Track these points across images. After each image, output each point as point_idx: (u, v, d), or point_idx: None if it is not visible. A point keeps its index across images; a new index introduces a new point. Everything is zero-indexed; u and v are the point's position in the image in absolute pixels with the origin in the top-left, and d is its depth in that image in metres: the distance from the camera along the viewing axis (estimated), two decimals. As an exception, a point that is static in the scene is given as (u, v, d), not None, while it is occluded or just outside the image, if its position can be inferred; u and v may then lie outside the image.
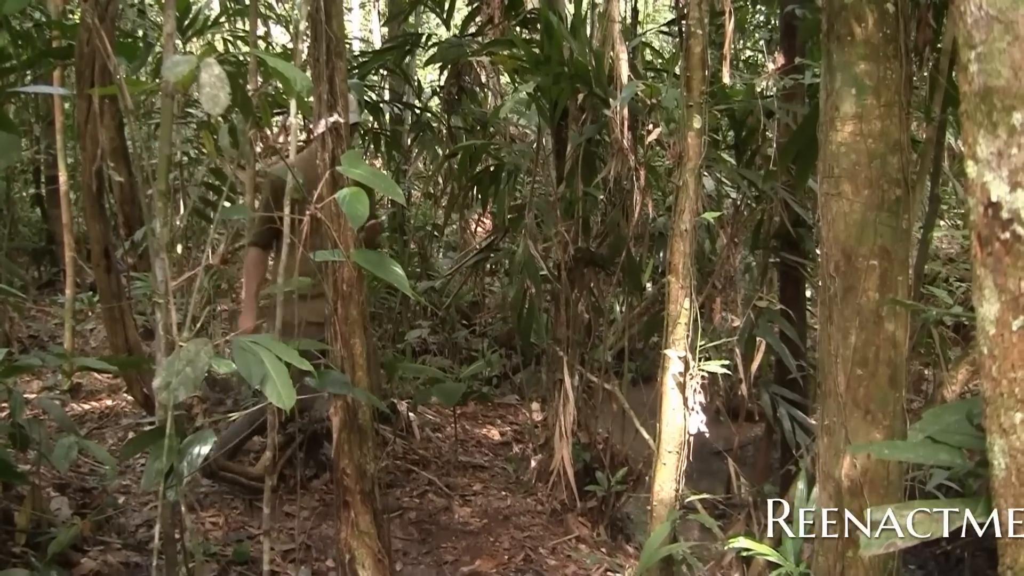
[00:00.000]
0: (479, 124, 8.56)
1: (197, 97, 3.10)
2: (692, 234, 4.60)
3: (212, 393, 7.48)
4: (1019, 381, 1.68)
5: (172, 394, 3.15)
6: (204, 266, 3.93)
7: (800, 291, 7.13)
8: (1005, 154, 1.64)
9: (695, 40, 4.62)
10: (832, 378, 3.44)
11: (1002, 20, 1.62)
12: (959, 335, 8.35)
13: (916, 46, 4.01)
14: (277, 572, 5.53)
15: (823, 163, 3.46)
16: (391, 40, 9.89)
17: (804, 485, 4.57)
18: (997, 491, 1.77)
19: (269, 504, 4.27)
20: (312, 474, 7.03)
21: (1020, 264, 1.65)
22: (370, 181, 3.66)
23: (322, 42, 4.28)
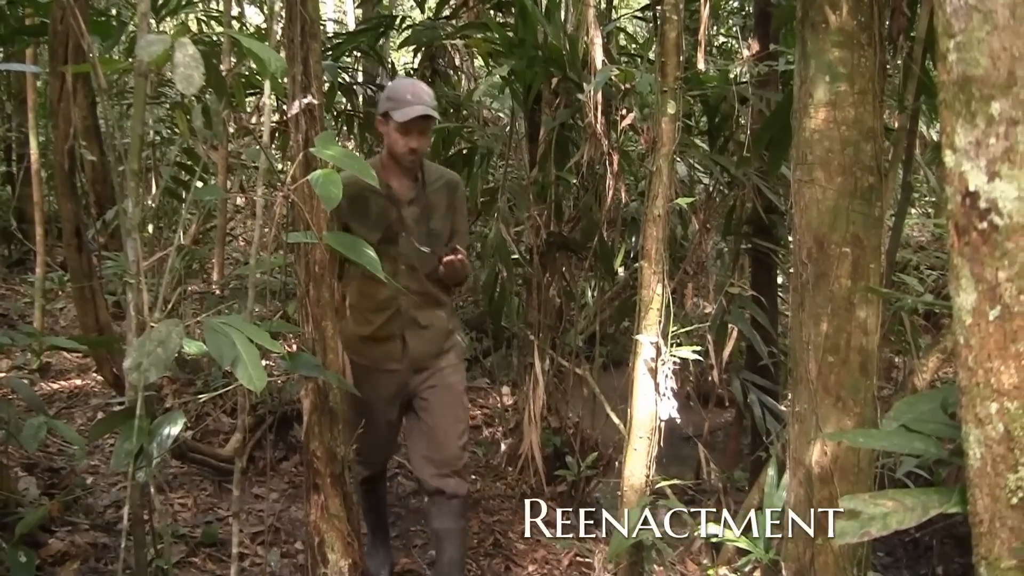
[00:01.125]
0: (452, 107, 8.52)
1: (171, 77, 3.08)
2: (665, 219, 4.59)
3: (182, 374, 7.44)
4: (995, 371, 1.68)
5: (142, 375, 3.13)
6: (176, 246, 3.90)
7: (772, 278, 7.14)
8: (983, 144, 1.64)
9: (670, 25, 4.61)
10: (803, 365, 3.44)
11: (981, 9, 1.62)
12: (930, 323, 8.39)
13: (890, 34, 4.01)
14: (246, 554, 5.53)
15: (796, 150, 3.46)
16: (365, 22, 9.84)
17: (774, 471, 4.58)
18: (972, 481, 1.77)
19: (239, 486, 4.24)
20: (282, 456, 7.02)
21: (997, 254, 1.65)
22: (343, 163, 3.64)
23: (296, 23, 4.25)
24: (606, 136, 5.50)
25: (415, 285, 4.98)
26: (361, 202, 4.81)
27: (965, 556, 1.86)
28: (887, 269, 4.47)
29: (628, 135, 6.55)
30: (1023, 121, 1.60)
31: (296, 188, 4.01)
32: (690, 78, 5.49)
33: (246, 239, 12.80)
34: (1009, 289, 1.65)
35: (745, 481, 6.90)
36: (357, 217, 4.83)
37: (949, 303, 1.80)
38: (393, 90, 4.79)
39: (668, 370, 4.62)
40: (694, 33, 5.42)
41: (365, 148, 9.44)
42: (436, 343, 5.14)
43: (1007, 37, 1.60)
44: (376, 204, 4.87)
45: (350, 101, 9.24)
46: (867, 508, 1.84)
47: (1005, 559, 1.73)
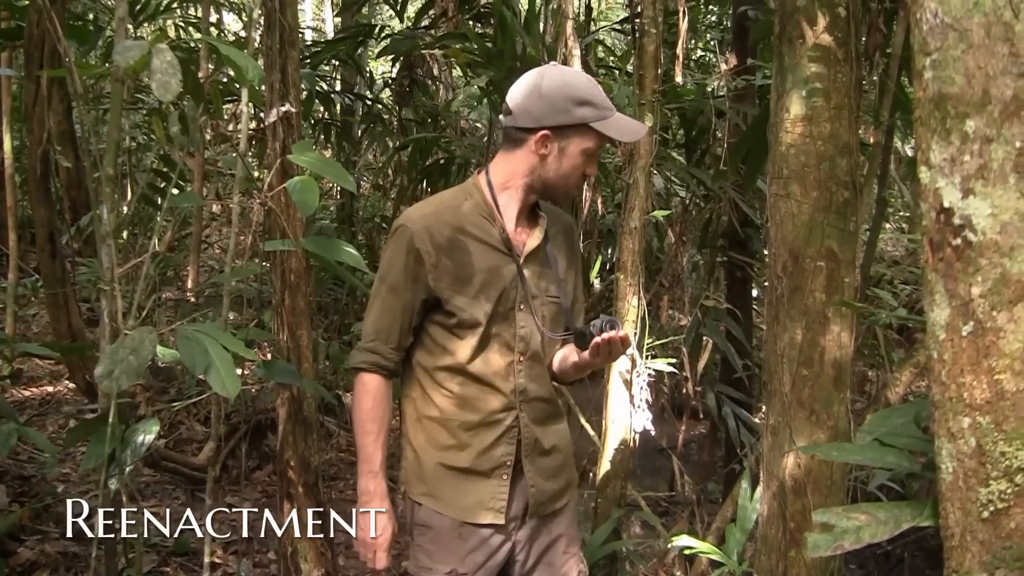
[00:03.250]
0: (430, 117, 8.54)
1: (148, 83, 3.07)
2: (641, 232, 4.61)
3: (155, 382, 7.42)
4: (968, 386, 1.70)
5: (115, 382, 3.12)
6: (151, 253, 3.89)
7: (747, 291, 7.17)
8: (958, 161, 1.65)
9: (648, 39, 4.64)
10: (777, 378, 3.46)
11: (957, 28, 1.64)
12: (903, 337, 8.43)
13: (867, 50, 4.04)
14: (218, 564, 5.51)
15: (772, 164, 3.48)
16: (344, 30, 9.84)
17: (748, 484, 4.60)
18: (944, 495, 1.78)
19: (211, 495, 4.24)
20: (255, 465, 7.00)
21: (971, 270, 1.66)
22: (320, 169, 3.64)
23: (275, 31, 4.26)
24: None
25: (537, 387, 3.31)
26: (459, 252, 3.16)
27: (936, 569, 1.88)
28: (861, 283, 4.49)
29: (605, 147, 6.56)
30: (997, 139, 1.62)
31: (273, 195, 4.01)
32: (667, 91, 5.52)
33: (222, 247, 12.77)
34: (982, 305, 1.66)
35: (719, 493, 6.92)
36: (452, 276, 3.14)
37: (922, 318, 1.82)
38: (580, 90, 3.10)
39: (643, 382, 4.64)
40: (672, 46, 5.46)
41: (343, 157, 9.44)
42: (563, 477, 3.45)
43: (982, 56, 1.62)
44: (483, 257, 3.18)
45: (328, 109, 9.25)
46: (840, 521, 1.85)
47: (976, 573, 1.75)
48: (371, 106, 9.35)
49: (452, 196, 3.30)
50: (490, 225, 3.20)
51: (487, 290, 3.16)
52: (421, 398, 3.27)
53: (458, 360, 3.18)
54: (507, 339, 3.22)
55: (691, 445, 8.48)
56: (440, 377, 3.22)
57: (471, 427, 3.21)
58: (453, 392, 3.21)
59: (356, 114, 9.63)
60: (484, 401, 3.21)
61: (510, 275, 3.21)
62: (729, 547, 4.49)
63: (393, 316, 3.16)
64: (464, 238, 3.16)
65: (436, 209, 3.20)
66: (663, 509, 7.03)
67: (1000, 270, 1.64)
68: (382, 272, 3.19)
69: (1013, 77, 1.62)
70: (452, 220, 3.15)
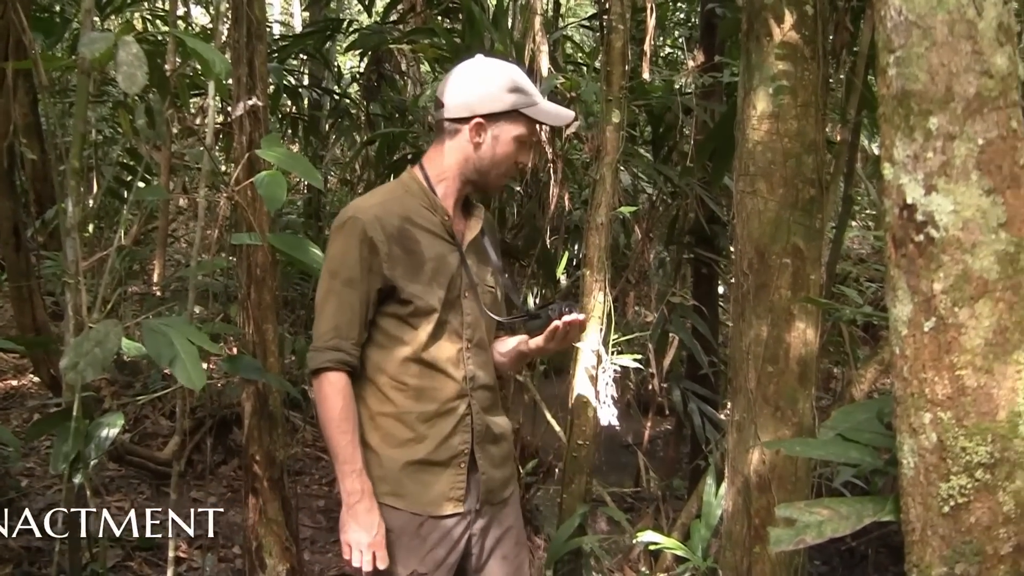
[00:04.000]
0: (398, 112, 8.52)
1: (114, 75, 3.06)
2: (607, 228, 4.62)
3: (121, 376, 7.38)
4: (929, 381, 1.71)
5: (79, 375, 3.11)
6: (116, 247, 3.88)
7: (713, 287, 7.19)
8: (921, 157, 1.66)
9: (616, 35, 4.64)
10: (743, 374, 3.47)
11: (921, 25, 1.64)
12: (868, 334, 8.47)
13: (834, 48, 4.06)
14: (183, 559, 5.49)
15: (739, 161, 3.49)
16: (312, 25, 9.84)
17: (713, 480, 4.61)
18: (905, 490, 1.79)
19: (176, 489, 4.22)
20: (221, 460, 6.98)
21: (933, 266, 1.67)
22: (288, 164, 3.64)
23: (243, 24, 4.24)
24: (550, 144, 5.52)
25: (484, 374, 3.37)
26: (409, 241, 3.19)
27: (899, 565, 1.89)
28: (827, 280, 4.51)
29: (573, 143, 6.56)
30: (960, 136, 1.63)
31: (240, 190, 4.00)
32: (635, 88, 5.53)
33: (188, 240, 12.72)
34: (944, 301, 1.67)
35: (684, 489, 6.94)
36: (405, 265, 3.17)
37: (887, 315, 1.83)
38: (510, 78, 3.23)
39: (608, 378, 4.64)
40: (640, 43, 5.46)
41: (310, 152, 9.41)
42: (508, 466, 3.52)
43: (945, 53, 1.63)
44: (431, 246, 3.23)
45: (296, 104, 9.21)
46: (802, 516, 1.86)
47: (936, 567, 1.76)
48: (339, 101, 9.33)
49: (392, 188, 3.36)
50: (432, 215, 3.25)
51: (438, 277, 3.20)
52: (373, 396, 3.25)
53: (413, 349, 3.18)
54: (456, 327, 3.26)
55: (657, 441, 8.51)
56: (394, 371, 3.21)
57: (428, 417, 3.22)
58: (408, 384, 3.21)
59: (324, 109, 9.60)
60: (439, 390, 3.23)
61: (455, 263, 3.26)
62: (694, 543, 4.50)
63: (352, 310, 3.14)
64: (412, 227, 3.19)
65: (382, 200, 3.24)
66: (628, 505, 7.04)
67: (962, 266, 1.65)
68: (333, 268, 3.14)
69: (976, 75, 1.63)
70: (399, 210, 3.19)
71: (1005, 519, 1.71)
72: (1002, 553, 1.72)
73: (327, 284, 3.16)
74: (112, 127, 9.83)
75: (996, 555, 1.72)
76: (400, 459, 3.21)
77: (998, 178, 1.64)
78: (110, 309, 3.86)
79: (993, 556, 1.72)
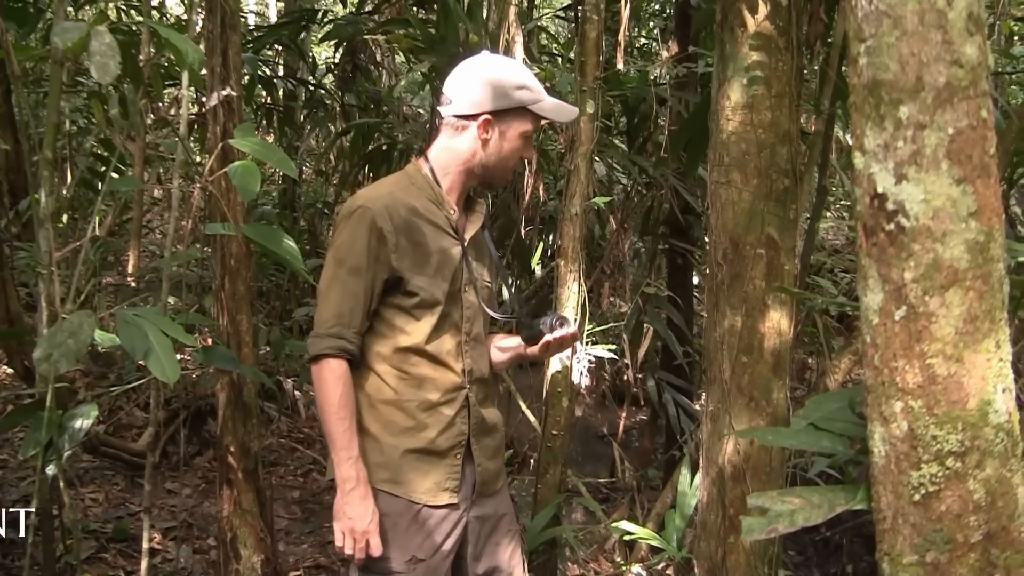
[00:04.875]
0: (373, 102, 8.51)
1: (87, 65, 3.05)
2: (582, 218, 4.62)
3: (95, 367, 7.35)
4: (900, 370, 1.71)
5: (53, 366, 3.09)
6: (90, 237, 3.86)
7: (688, 278, 7.20)
8: (891, 146, 1.67)
9: (590, 26, 4.64)
10: (717, 364, 3.48)
11: (891, 15, 1.65)
12: (843, 325, 8.50)
13: (808, 39, 4.06)
14: (157, 550, 5.47)
15: (713, 152, 3.49)
16: (287, 15, 9.80)
17: (687, 470, 4.63)
18: (877, 478, 1.80)
19: (151, 481, 4.21)
20: (195, 451, 6.96)
21: (904, 255, 1.68)
22: (262, 154, 3.62)
23: (216, 14, 4.22)
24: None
25: (480, 367, 3.41)
26: (416, 233, 3.21)
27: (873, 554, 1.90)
28: (801, 271, 4.52)
29: (547, 134, 6.57)
30: (930, 125, 1.63)
31: (213, 180, 3.98)
32: (610, 78, 5.53)
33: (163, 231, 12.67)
34: (915, 290, 1.68)
35: (659, 480, 6.95)
36: (412, 258, 3.19)
37: (859, 304, 1.84)
38: (518, 76, 3.27)
39: (583, 368, 4.64)
40: (615, 34, 5.46)
41: (285, 142, 9.38)
42: (500, 457, 3.57)
43: (916, 43, 1.63)
44: (436, 239, 3.26)
45: (270, 94, 9.19)
46: (774, 505, 1.86)
47: (907, 555, 1.76)
48: (314, 91, 9.31)
49: (399, 180, 3.36)
50: (438, 209, 3.28)
51: (442, 270, 3.23)
52: (374, 383, 3.26)
53: (415, 340, 3.21)
54: (456, 320, 3.30)
55: (632, 432, 8.51)
56: (396, 360, 3.23)
57: (429, 406, 3.24)
58: (410, 373, 3.23)
59: (298, 99, 9.58)
60: (440, 380, 3.26)
61: (458, 257, 3.29)
62: (669, 533, 4.51)
63: (356, 298, 3.14)
64: (418, 220, 3.21)
65: (391, 191, 3.25)
66: (604, 495, 7.05)
67: (932, 255, 1.66)
68: (340, 255, 3.14)
69: (946, 64, 1.63)
70: (407, 202, 3.20)
71: (975, 507, 1.72)
72: (972, 541, 1.73)
73: (332, 271, 3.17)
74: (86, 117, 9.78)
75: (966, 543, 1.73)
76: (400, 446, 3.22)
77: (968, 167, 1.64)
78: (84, 300, 3.85)
79: (963, 544, 1.73)
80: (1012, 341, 1.79)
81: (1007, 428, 1.72)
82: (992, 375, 1.70)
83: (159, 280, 5.16)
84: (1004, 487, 1.73)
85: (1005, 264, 1.73)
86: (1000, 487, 1.72)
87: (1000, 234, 1.69)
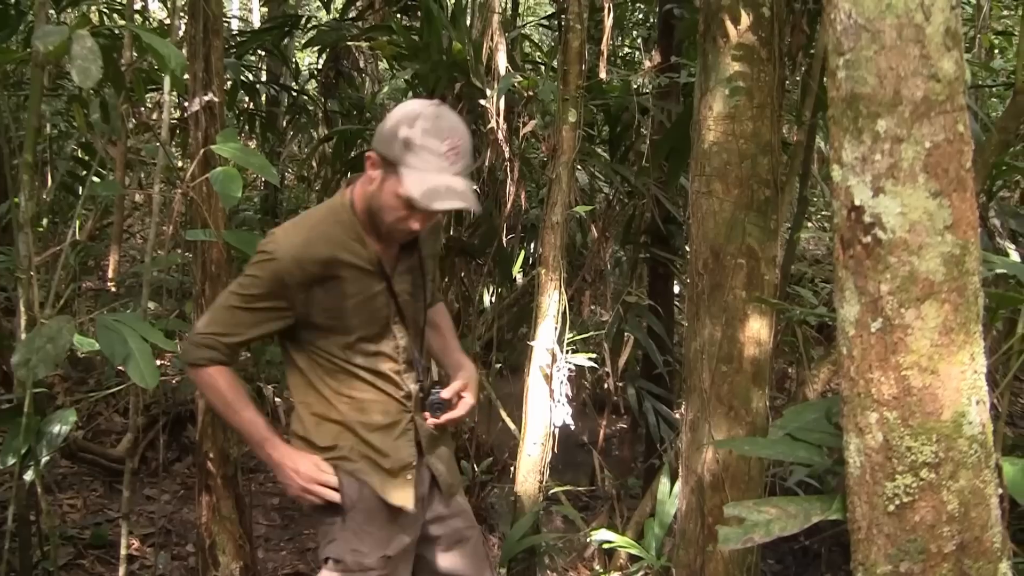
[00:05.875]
0: (355, 109, 8.50)
1: (68, 69, 3.05)
2: (563, 227, 4.63)
3: (74, 372, 7.33)
4: (876, 381, 1.73)
5: (31, 371, 3.10)
6: (70, 242, 3.86)
7: (669, 287, 7.20)
8: (869, 159, 1.68)
9: (573, 34, 4.65)
10: (697, 374, 3.50)
11: (870, 29, 1.66)
12: (822, 335, 8.52)
13: (790, 50, 4.08)
14: (135, 556, 5.46)
15: (695, 161, 3.51)
16: (270, 20, 9.79)
17: (667, 479, 4.63)
18: (852, 489, 1.81)
19: (129, 487, 4.21)
20: (175, 457, 6.94)
21: (880, 267, 1.69)
22: (243, 160, 3.63)
23: (199, 19, 4.22)
24: (508, 142, 5.52)
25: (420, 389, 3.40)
26: (331, 281, 3.12)
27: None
28: (781, 281, 4.54)
29: (530, 142, 6.58)
30: (908, 139, 1.65)
31: (195, 186, 3.99)
32: (592, 87, 5.53)
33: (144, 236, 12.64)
34: (891, 302, 1.69)
35: (639, 488, 6.95)
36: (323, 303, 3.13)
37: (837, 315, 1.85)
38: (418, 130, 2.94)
39: (563, 377, 4.65)
40: (598, 43, 5.46)
41: (267, 148, 9.37)
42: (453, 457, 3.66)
43: (894, 57, 1.65)
44: (355, 282, 3.15)
45: (253, 100, 9.18)
46: (751, 515, 1.87)
47: (881, 565, 1.78)
48: (296, 97, 9.31)
49: (323, 217, 3.21)
50: (361, 248, 3.16)
51: (361, 312, 3.17)
52: (318, 403, 3.25)
53: (350, 369, 3.21)
54: (388, 352, 3.26)
55: (612, 440, 8.51)
56: (334, 385, 3.23)
57: (375, 428, 3.24)
58: (354, 397, 3.23)
59: (281, 105, 9.58)
60: (382, 404, 3.25)
61: (383, 295, 3.21)
62: (648, 541, 4.52)
63: (243, 329, 3.14)
64: (336, 266, 3.10)
65: (307, 238, 3.10)
66: (583, 504, 7.05)
67: (909, 268, 1.67)
68: (244, 284, 3.10)
69: (924, 79, 1.65)
70: (324, 248, 3.09)
71: (949, 518, 1.73)
72: (946, 551, 1.74)
73: (233, 292, 3.14)
74: (67, 121, 9.76)
75: (940, 553, 1.74)
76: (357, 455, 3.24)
77: (944, 181, 1.66)
78: (63, 305, 3.84)
79: (937, 554, 1.74)
80: (987, 353, 1.80)
81: (981, 440, 1.74)
82: (966, 387, 1.71)
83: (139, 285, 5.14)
84: (977, 498, 1.74)
85: (980, 276, 1.74)
86: (974, 498, 1.74)
87: (976, 247, 1.71)
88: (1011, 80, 4.36)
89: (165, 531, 5.87)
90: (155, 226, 4.24)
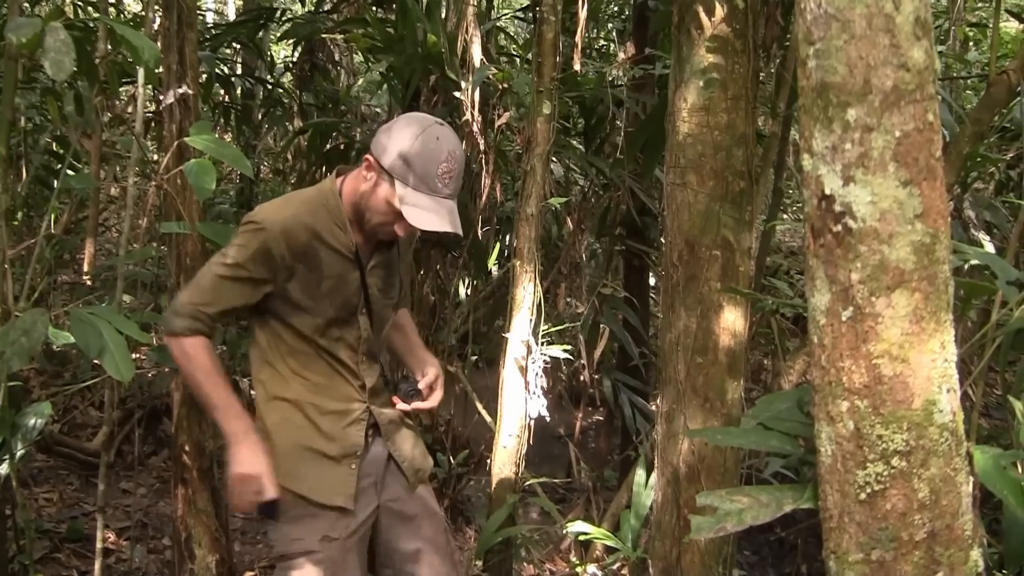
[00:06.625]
0: (331, 102, 8.47)
1: (42, 61, 3.04)
2: (538, 219, 4.63)
3: (50, 365, 7.31)
4: (846, 370, 1.73)
5: (6, 364, 3.08)
6: (45, 235, 3.84)
7: (644, 279, 7.22)
8: (839, 149, 1.68)
9: (547, 27, 4.65)
10: (672, 365, 3.50)
11: (840, 19, 1.67)
12: (798, 327, 8.55)
13: (764, 42, 4.08)
14: (111, 550, 5.45)
15: (670, 153, 3.51)
16: (245, 13, 9.75)
17: (643, 471, 4.64)
18: (823, 477, 1.82)
19: (105, 480, 4.19)
20: (150, 451, 6.93)
21: (850, 256, 1.70)
22: (218, 153, 3.63)
23: (173, 11, 4.21)
24: (483, 135, 5.51)
25: (378, 382, 3.50)
26: (313, 258, 3.23)
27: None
28: (756, 273, 4.55)
29: (505, 134, 6.57)
30: (878, 128, 1.65)
31: (169, 178, 3.97)
32: (567, 79, 5.54)
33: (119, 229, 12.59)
34: (861, 291, 1.70)
35: (615, 480, 6.97)
36: (303, 279, 3.22)
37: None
38: (415, 149, 3.11)
39: (538, 369, 4.65)
40: (572, 35, 5.46)
41: (242, 141, 9.34)
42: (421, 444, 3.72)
43: (864, 46, 1.65)
44: (333, 265, 3.27)
45: (228, 93, 9.15)
46: (723, 504, 1.88)
47: (853, 553, 1.78)
48: (271, 90, 9.27)
49: (312, 198, 3.32)
50: (342, 234, 3.27)
51: (334, 296, 3.27)
52: (274, 380, 3.33)
53: (310, 350, 3.30)
54: (350, 340, 3.36)
55: (588, 432, 8.54)
56: (292, 365, 3.31)
57: (326, 412, 3.32)
58: (308, 379, 3.31)
59: (256, 98, 9.53)
60: (337, 390, 3.35)
61: (355, 283, 3.33)
62: (624, 533, 4.52)
63: (226, 298, 3.19)
64: (318, 244, 3.22)
65: (295, 212, 3.22)
66: (560, 496, 7.07)
67: (879, 257, 1.68)
68: (230, 255, 3.16)
69: (893, 68, 1.65)
70: (310, 225, 3.20)
71: (920, 506, 1.74)
72: (917, 539, 1.75)
73: (218, 263, 3.19)
74: (41, 114, 9.72)
75: (911, 541, 1.75)
76: (295, 442, 3.29)
77: (914, 170, 1.67)
78: (38, 298, 3.82)
79: (908, 542, 1.75)
80: (958, 342, 1.81)
81: (951, 428, 1.75)
82: (937, 375, 1.72)
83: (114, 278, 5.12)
84: (948, 486, 1.75)
85: (951, 265, 1.75)
86: (944, 486, 1.75)
87: (946, 236, 1.72)
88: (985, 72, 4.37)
89: (141, 524, 5.85)
90: (130, 219, 4.23)
